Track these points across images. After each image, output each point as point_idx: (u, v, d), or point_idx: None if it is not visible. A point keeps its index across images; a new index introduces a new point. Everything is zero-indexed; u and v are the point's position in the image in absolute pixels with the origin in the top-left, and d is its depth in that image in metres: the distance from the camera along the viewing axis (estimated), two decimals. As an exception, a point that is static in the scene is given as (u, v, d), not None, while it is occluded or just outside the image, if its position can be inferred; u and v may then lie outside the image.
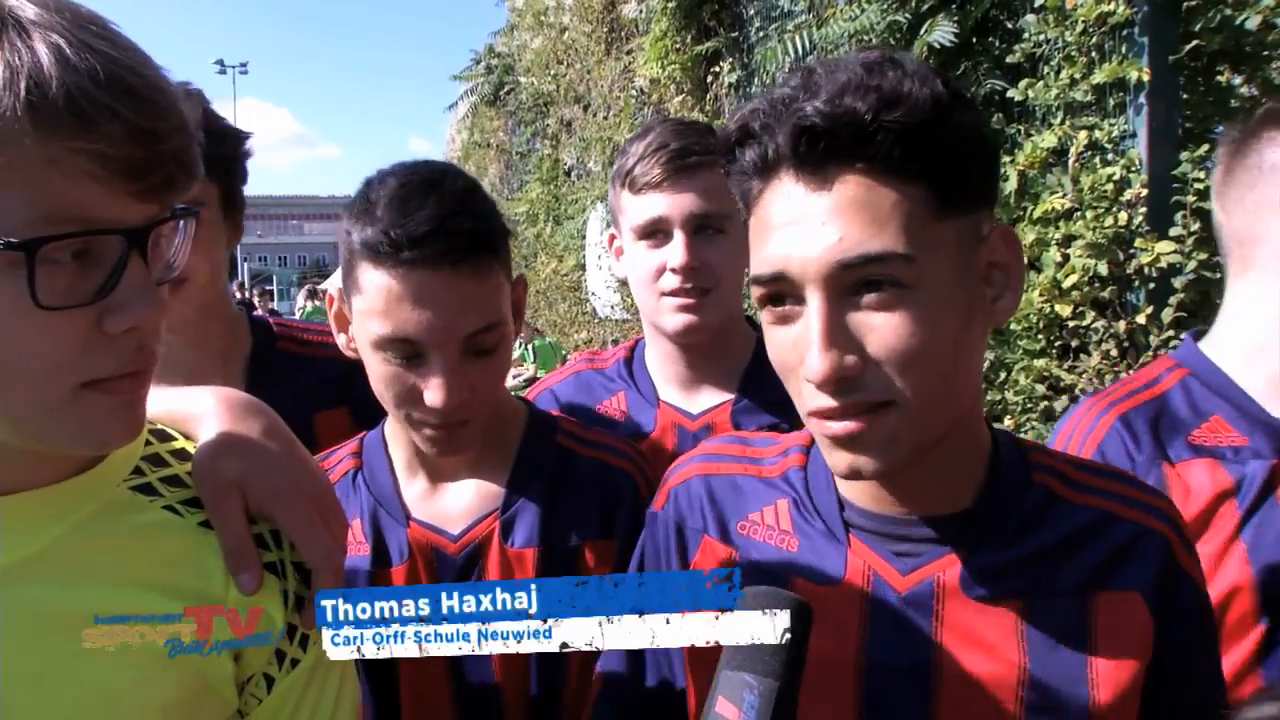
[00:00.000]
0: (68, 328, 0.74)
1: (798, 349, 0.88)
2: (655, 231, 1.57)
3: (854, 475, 0.91)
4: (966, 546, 0.96)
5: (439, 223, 1.13)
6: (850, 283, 0.85)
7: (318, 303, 17.99)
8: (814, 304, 0.86)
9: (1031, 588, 0.94)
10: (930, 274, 0.85)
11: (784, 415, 1.45)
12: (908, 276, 0.84)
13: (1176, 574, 0.96)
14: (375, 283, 1.16)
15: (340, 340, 1.31)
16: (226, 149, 1.55)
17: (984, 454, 0.99)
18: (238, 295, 18.66)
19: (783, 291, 0.89)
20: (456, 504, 1.32)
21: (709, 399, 1.63)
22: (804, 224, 0.86)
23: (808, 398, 0.89)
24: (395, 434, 1.35)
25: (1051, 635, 0.93)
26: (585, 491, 1.34)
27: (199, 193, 1.43)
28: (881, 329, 0.85)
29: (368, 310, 1.18)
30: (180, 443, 0.98)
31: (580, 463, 1.36)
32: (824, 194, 0.85)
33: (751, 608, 0.75)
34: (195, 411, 1.00)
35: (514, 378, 9.58)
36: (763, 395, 1.59)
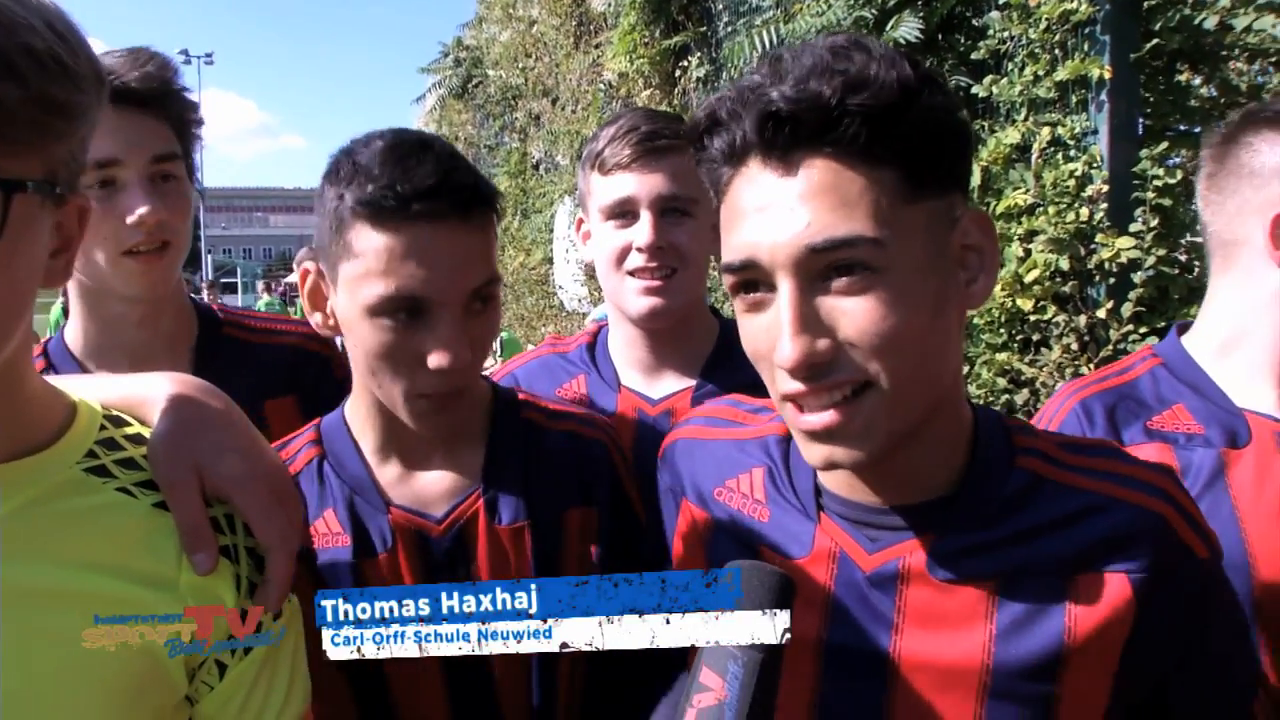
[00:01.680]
0: None
1: (770, 335, 0.88)
2: (623, 212, 1.57)
3: (830, 467, 0.92)
4: (938, 531, 0.95)
5: (443, 176, 1.12)
6: (820, 267, 0.84)
7: (269, 297, 17.80)
8: (784, 290, 0.85)
9: (1005, 569, 0.92)
10: (901, 257, 0.85)
11: None
12: (878, 260, 0.84)
13: (1176, 550, 0.92)
14: (375, 243, 1.12)
15: (316, 319, 1.26)
16: (186, 105, 1.54)
17: (965, 439, 0.98)
18: (204, 290, 18.42)
19: (754, 279, 0.89)
20: (435, 486, 1.29)
21: (670, 384, 1.64)
22: (773, 210, 0.86)
23: (780, 383, 0.89)
24: (361, 418, 1.31)
25: (1022, 617, 0.91)
26: (561, 463, 1.32)
27: (173, 143, 1.48)
28: (853, 313, 0.84)
29: (364, 274, 1.13)
30: (135, 427, 0.97)
31: (551, 436, 1.35)
32: (791, 179, 0.85)
33: (709, 578, 0.76)
34: (150, 396, 0.99)
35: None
36: (725, 382, 1.59)
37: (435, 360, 1.13)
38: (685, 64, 6.90)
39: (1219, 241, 1.35)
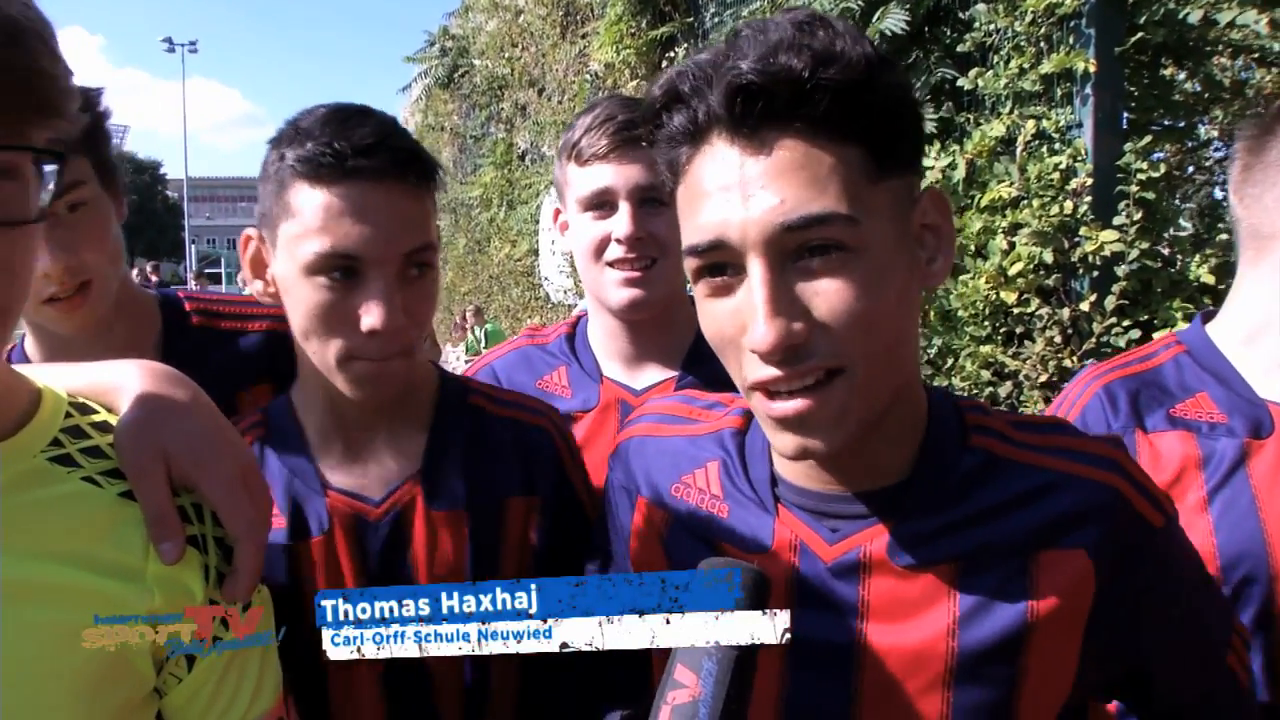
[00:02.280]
0: None
1: (737, 319, 0.86)
2: (601, 203, 1.56)
3: (802, 456, 0.90)
4: (897, 516, 0.94)
5: (381, 137, 1.14)
6: (793, 247, 0.83)
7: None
8: (756, 271, 0.83)
9: (966, 551, 0.92)
10: (872, 236, 0.83)
11: (728, 391, 1.45)
12: (852, 239, 0.83)
13: (1131, 521, 0.92)
14: (313, 201, 1.13)
15: (257, 287, 1.26)
16: (89, 111, 1.38)
17: (920, 422, 0.97)
18: (152, 278, 18.11)
19: (721, 260, 0.86)
20: (375, 470, 1.28)
21: (653, 375, 1.63)
22: (741, 188, 0.83)
23: (751, 369, 0.87)
24: (306, 400, 1.30)
25: (984, 597, 0.91)
26: (504, 451, 1.31)
27: (75, 169, 1.31)
28: (827, 293, 0.83)
29: (302, 232, 1.14)
30: (101, 415, 0.95)
31: (496, 423, 1.34)
32: (761, 157, 0.83)
33: (708, 578, 0.76)
34: (116, 383, 0.98)
35: (465, 363, 9.51)
36: (707, 372, 1.59)
37: (367, 321, 1.14)
38: (672, 55, 6.87)
39: (1252, 234, 1.33)
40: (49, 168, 0.78)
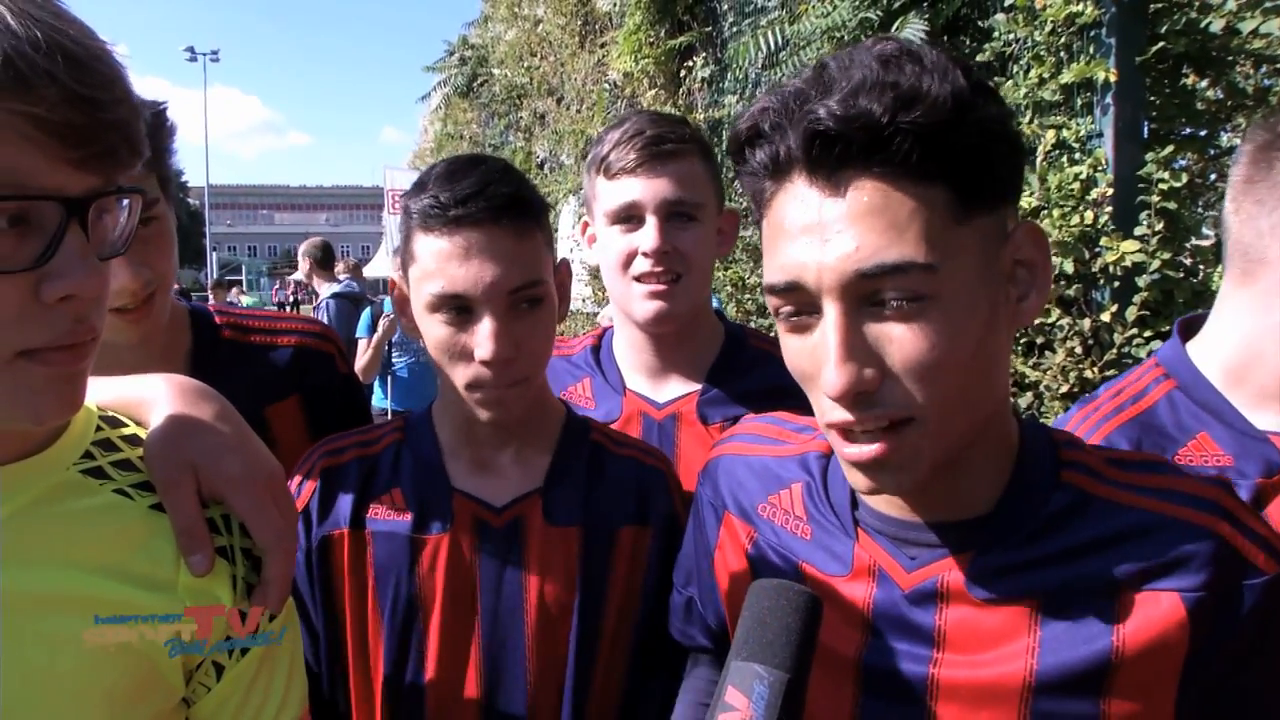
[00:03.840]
0: (3, 293, 0.73)
1: (815, 359, 0.85)
2: (629, 217, 1.57)
3: (876, 493, 0.90)
4: (978, 548, 0.91)
5: (481, 186, 1.24)
6: (868, 292, 0.81)
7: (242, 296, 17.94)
8: (830, 315, 0.82)
9: (1048, 587, 0.88)
10: (952, 281, 0.81)
11: (752, 407, 1.45)
12: (929, 287, 0.80)
13: (1233, 567, 0.86)
14: (428, 247, 1.26)
15: (403, 322, 1.40)
16: (158, 129, 1.43)
17: (1009, 456, 0.94)
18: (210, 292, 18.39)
19: (799, 301, 0.85)
20: (499, 481, 1.37)
21: (676, 388, 1.64)
22: (819, 231, 0.82)
23: (826, 410, 0.86)
24: (443, 413, 1.41)
25: (1065, 635, 0.87)
26: (621, 483, 1.40)
27: (146, 184, 1.34)
28: (901, 341, 0.81)
29: (422, 274, 1.27)
30: (131, 428, 0.97)
31: (614, 459, 1.42)
32: (839, 200, 0.81)
33: (763, 598, 0.77)
34: (146, 397, 0.99)
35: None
36: (730, 387, 1.59)
37: (479, 354, 1.25)
38: (690, 64, 6.89)
39: (1241, 252, 1.27)
40: (126, 201, 0.82)
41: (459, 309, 1.25)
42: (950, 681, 0.91)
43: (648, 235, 1.54)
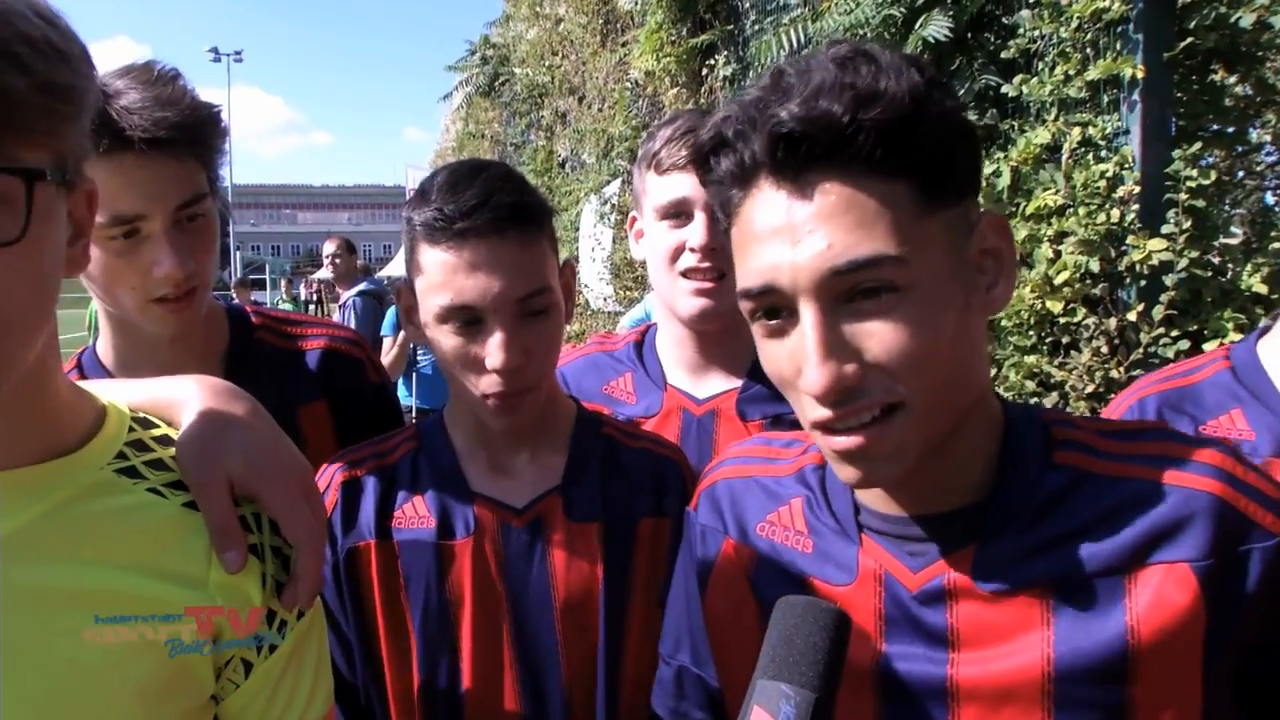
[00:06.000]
0: None
1: (794, 361, 0.86)
2: (678, 212, 1.60)
3: (865, 485, 0.91)
4: (977, 540, 0.91)
5: (485, 198, 1.25)
6: (843, 289, 0.83)
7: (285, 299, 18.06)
8: (807, 315, 0.84)
9: (1054, 573, 0.88)
10: (924, 272, 0.83)
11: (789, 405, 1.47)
12: (902, 278, 0.82)
13: (1241, 530, 0.85)
14: (434, 259, 1.27)
15: (410, 330, 1.41)
16: (212, 130, 1.44)
17: (996, 440, 0.95)
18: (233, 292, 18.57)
19: (774, 304, 0.87)
20: (517, 482, 1.40)
21: (716, 384, 1.67)
22: (790, 233, 0.84)
23: (808, 410, 0.87)
24: (456, 418, 1.43)
25: (1082, 621, 0.87)
26: (637, 475, 1.42)
27: (196, 181, 1.39)
28: (880, 334, 0.83)
29: (429, 287, 1.28)
30: (163, 429, 0.98)
31: (628, 452, 1.45)
32: (807, 201, 0.83)
33: (790, 616, 0.76)
34: (178, 398, 1.01)
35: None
36: (770, 385, 1.61)
37: (489, 362, 1.27)
38: (712, 62, 6.87)
39: None
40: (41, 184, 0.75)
41: (468, 320, 1.27)
42: (969, 681, 0.90)
43: (696, 231, 1.57)
